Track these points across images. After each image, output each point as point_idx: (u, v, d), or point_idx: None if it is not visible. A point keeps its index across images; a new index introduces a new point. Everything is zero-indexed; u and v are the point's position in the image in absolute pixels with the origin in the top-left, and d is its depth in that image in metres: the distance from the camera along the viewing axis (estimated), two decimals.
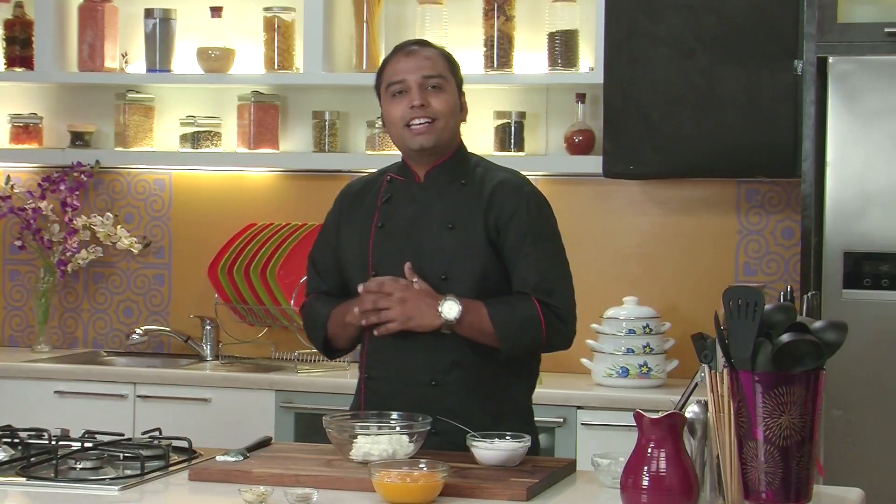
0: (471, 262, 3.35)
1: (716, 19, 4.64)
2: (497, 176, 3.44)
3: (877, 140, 4.27)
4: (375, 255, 3.42)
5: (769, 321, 2.62)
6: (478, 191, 3.40)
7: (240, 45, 5.33)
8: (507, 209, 3.37)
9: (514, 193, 3.40)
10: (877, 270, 4.27)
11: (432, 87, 3.36)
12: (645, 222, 5.08)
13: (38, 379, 5.04)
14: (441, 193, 3.41)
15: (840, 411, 4.24)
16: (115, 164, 5.52)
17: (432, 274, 3.35)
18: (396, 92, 3.37)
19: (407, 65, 3.38)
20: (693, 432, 2.79)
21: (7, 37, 5.51)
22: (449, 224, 3.38)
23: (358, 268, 3.44)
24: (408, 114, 3.36)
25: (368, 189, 3.53)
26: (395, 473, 2.82)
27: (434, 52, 3.42)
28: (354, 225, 3.49)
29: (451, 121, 3.39)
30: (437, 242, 3.37)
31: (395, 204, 3.45)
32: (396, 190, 3.46)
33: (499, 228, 3.37)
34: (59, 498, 2.90)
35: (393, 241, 3.41)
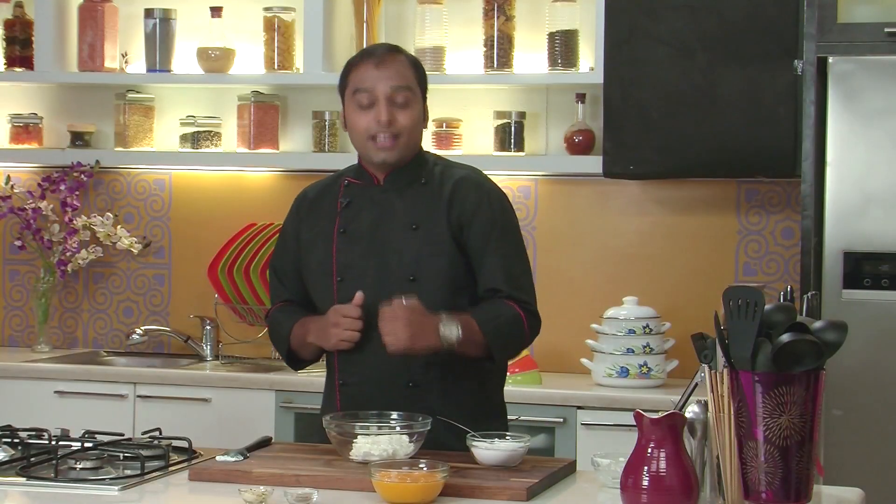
0: (438, 260, 3.35)
1: (716, 19, 4.63)
2: (456, 173, 3.44)
3: (877, 140, 4.27)
4: (340, 260, 3.40)
5: (769, 321, 2.62)
6: (438, 189, 3.40)
7: (240, 45, 5.33)
8: (468, 206, 3.38)
9: (475, 190, 3.41)
10: (877, 270, 4.27)
11: (399, 101, 3.34)
12: (645, 222, 5.08)
13: (38, 379, 5.04)
14: (401, 195, 3.41)
15: (840, 411, 4.23)
16: (115, 164, 5.52)
17: (400, 276, 3.35)
18: (364, 103, 3.35)
19: (376, 74, 3.34)
20: (693, 432, 2.79)
21: (7, 37, 5.51)
22: (412, 224, 3.37)
23: (321, 274, 3.43)
24: (373, 127, 3.34)
25: (325, 194, 3.51)
26: (395, 473, 2.82)
27: (403, 62, 3.38)
28: (315, 231, 3.47)
29: (414, 134, 3.39)
30: (401, 244, 3.37)
31: (354, 208, 3.43)
32: (355, 194, 3.45)
33: (462, 225, 3.37)
34: (59, 498, 2.91)
35: (357, 246, 3.40)
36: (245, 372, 5.02)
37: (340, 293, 3.39)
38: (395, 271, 3.36)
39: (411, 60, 3.42)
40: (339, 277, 3.40)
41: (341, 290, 3.39)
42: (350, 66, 3.41)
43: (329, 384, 3.52)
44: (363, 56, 3.41)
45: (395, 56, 3.38)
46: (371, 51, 3.42)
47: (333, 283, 3.40)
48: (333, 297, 3.40)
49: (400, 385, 3.35)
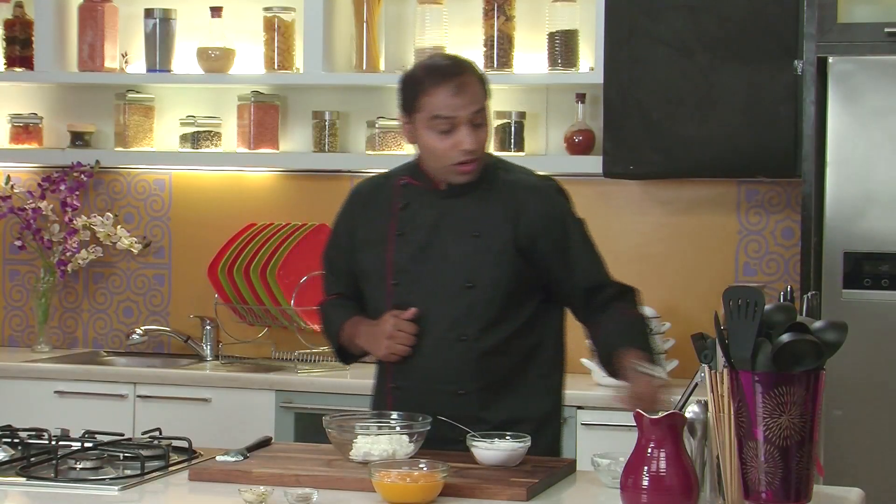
0: (497, 269, 3.32)
1: (716, 19, 4.63)
2: (520, 180, 3.41)
3: (877, 140, 4.27)
4: (396, 263, 3.37)
5: (769, 321, 2.62)
6: (501, 196, 3.36)
7: (240, 45, 5.33)
8: (540, 217, 3.35)
9: (543, 200, 3.38)
10: (877, 270, 4.27)
11: (477, 122, 3.30)
12: (645, 222, 5.08)
13: (38, 379, 5.04)
14: (462, 200, 3.36)
15: (840, 411, 4.24)
16: (115, 164, 5.52)
17: (457, 283, 3.33)
18: (444, 129, 3.28)
19: (457, 102, 3.26)
20: (693, 432, 2.79)
21: (7, 37, 5.51)
22: (474, 232, 3.34)
23: (375, 275, 3.41)
24: (456, 155, 3.28)
25: (379, 192, 3.47)
26: (395, 473, 2.82)
27: (476, 82, 3.31)
28: (370, 231, 3.44)
29: (487, 146, 3.39)
30: (460, 250, 3.33)
31: (412, 211, 3.39)
32: (413, 196, 3.41)
33: (533, 237, 3.34)
34: (59, 498, 2.91)
35: (414, 250, 3.36)
36: (245, 372, 5.02)
37: (395, 297, 3.36)
38: (453, 278, 3.33)
39: (475, 71, 3.35)
40: (395, 281, 3.37)
41: (396, 293, 3.37)
42: (422, 86, 3.30)
43: (380, 386, 3.48)
44: (438, 79, 3.28)
45: (469, 78, 3.31)
46: (444, 72, 3.30)
47: (388, 285, 3.37)
48: (387, 300, 3.38)
49: (451, 392, 3.32)
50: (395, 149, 5.17)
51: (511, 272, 3.33)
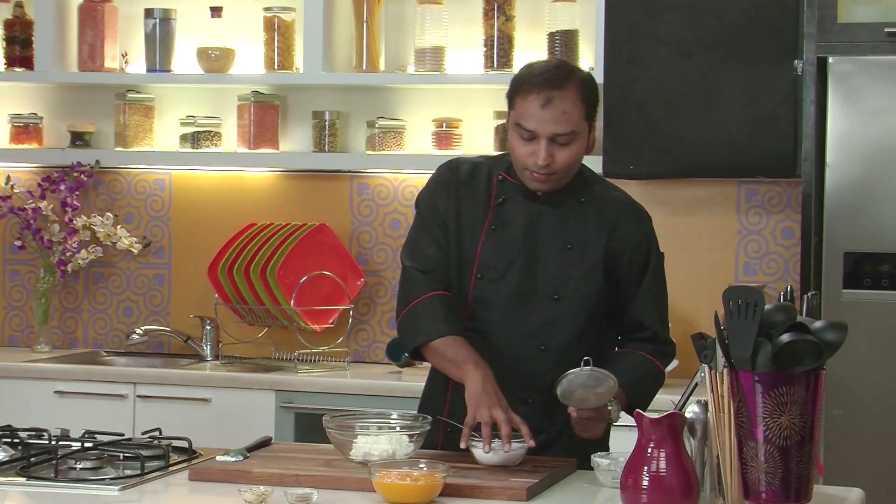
0: (586, 285, 3.29)
1: (716, 19, 4.64)
2: (616, 198, 3.37)
3: (877, 140, 4.27)
4: (483, 258, 3.31)
5: (769, 321, 2.62)
6: (598, 212, 3.32)
7: (240, 45, 5.33)
8: (630, 239, 3.33)
9: (639, 223, 3.37)
10: (877, 270, 4.27)
11: (562, 142, 3.20)
12: None
13: (38, 379, 5.04)
14: (559, 209, 3.31)
15: (840, 411, 4.23)
16: (115, 164, 5.52)
17: (544, 291, 3.29)
18: (525, 137, 3.21)
19: (543, 115, 3.17)
20: (693, 432, 2.79)
21: (7, 37, 5.51)
22: (567, 244, 3.30)
23: (461, 267, 3.32)
24: (530, 162, 3.22)
25: (477, 179, 3.36)
26: (395, 473, 2.82)
27: (572, 99, 3.19)
28: (463, 217, 3.34)
29: (573, 167, 3.26)
30: (552, 260, 3.29)
31: (509, 208, 3.33)
32: (510, 193, 3.34)
33: (618, 256, 3.31)
34: (59, 498, 2.91)
35: (504, 248, 3.31)
36: (245, 372, 5.02)
37: (476, 290, 3.31)
38: (540, 286, 3.29)
39: (582, 90, 3.21)
40: (479, 275, 3.31)
41: (478, 287, 3.31)
42: (520, 86, 3.23)
43: (440, 382, 3.39)
44: (533, 86, 3.19)
45: (565, 92, 3.18)
46: (542, 81, 3.19)
47: (472, 277, 3.32)
48: (469, 293, 3.31)
49: (519, 400, 3.25)
50: (395, 149, 5.17)
51: (598, 289, 3.30)
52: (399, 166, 5.21)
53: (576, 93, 3.20)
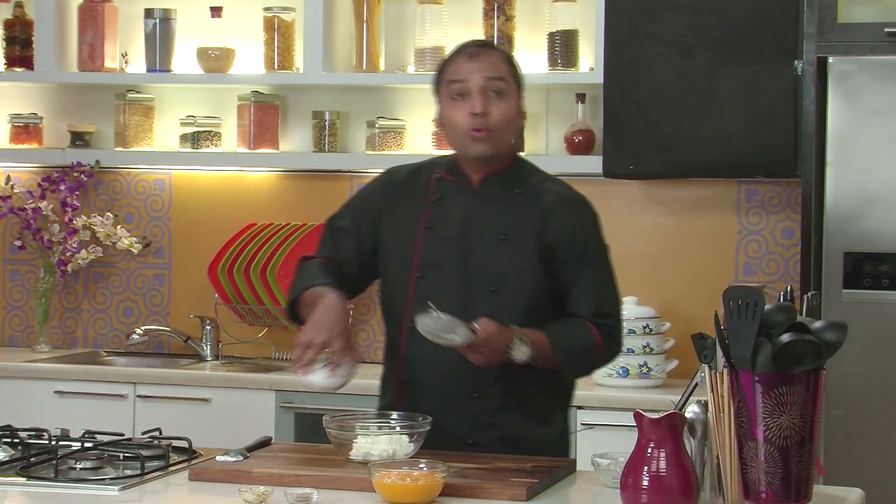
0: (523, 276, 3.31)
1: (716, 19, 4.64)
2: (554, 189, 3.38)
3: (877, 140, 4.27)
4: (422, 256, 3.35)
5: (769, 321, 2.62)
6: (533, 203, 3.34)
7: (240, 45, 5.33)
8: (565, 230, 3.33)
9: (573, 214, 3.36)
10: (877, 270, 4.27)
11: (494, 91, 3.29)
12: (645, 222, 5.08)
13: (38, 379, 5.04)
14: (494, 201, 3.35)
15: (840, 411, 4.24)
16: (115, 164, 5.52)
17: (482, 285, 3.31)
18: (457, 94, 3.30)
19: (470, 66, 3.30)
20: (693, 432, 2.79)
21: (7, 37, 5.51)
22: (502, 235, 3.32)
23: (399, 264, 3.37)
24: (468, 121, 3.28)
25: (414, 180, 3.43)
26: (395, 473, 2.82)
27: (497, 56, 3.35)
28: (399, 219, 3.40)
29: (507, 131, 3.32)
30: (488, 253, 3.32)
31: (445, 206, 3.37)
32: (447, 190, 3.38)
33: (553, 248, 3.32)
34: (59, 498, 2.91)
35: (442, 246, 3.34)
36: (245, 372, 5.02)
37: (417, 290, 3.33)
38: (478, 279, 3.31)
39: (505, 56, 3.38)
40: (419, 274, 3.34)
41: (419, 286, 3.33)
42: (443, 63, 3.38)
43: (389, 378, 3.45)
44: (456, 52, 3.37)
45: (489, 50, 3.37)
46: (464, 46, 3.38)
47: (412, 277, 3.35)
48: (409, 292, 3.35)
49: (466, 395, 3.30)
50: (395, 149, 5.17)
51: (535, 280, 3.32)
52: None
53: (500, 56, 3.37)
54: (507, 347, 3.20)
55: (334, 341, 3.16)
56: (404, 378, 3.38)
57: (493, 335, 3.17)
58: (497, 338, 3.18)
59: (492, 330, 3.17)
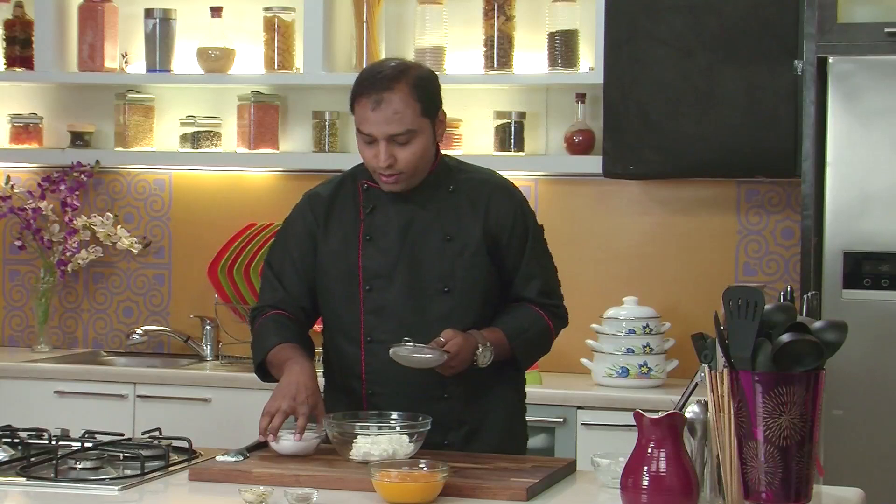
0: (472, 272, 3.33)
1: (716, 19, 4.64)
2: (483, 180, 3.40)
3: (877, 140, 4.27)
4: (367, 268, 3.35)
5: (769, 321, 2.62)
6: (469, 198, 3.36)
7: (240, 45, 5.33)
8: (505, 217, 3.36)
9: (509, 200, 3.39)
10: (877, 270, 4.27)
11: (400, 141, 3.24)
12: (645, 222, 5.08)
13: (38, 379, 5.04)
14: (429, 203, 3.35)
15: (840, 411, 4.23)
16: (115, 164, 5.52)
17: (433, 287, 3.32)
18: (366, 140, 3.26)
19: (374, 117, 3.22)
20: (693, 432, 2.79)
21: (7, 37, 5.51)
22: (446, 236, 3.33)
23: (345, 281, 3.36)
24: (375, 164, 3.26)
25: (341, 195, 3.42)
26: (395, 473, 2.82)
27: (402, 101, 3.22)
28: (334, 236, 3.39)
29: (421, 164, 3.29)
30: (434, 254, 3.33)
31: (380, 215, 3.36)
32: (378, 200, 3.37)
33: (497, 236, 3.35)
34: (59, 498, 2.90)
35: (385, 255, 3.34)
36: (245, 372, 5.01)
37: (368, 303, 3.35)
38: (428, 283, 3.32)
39: (414, 88, 3.24)
40: (367, 286, 3.34)
41: (368, 299, 3.35)
42: (355, 92, 3.27)
43: (355, 395, 3.42)
44: (363, 88, 3.24)
45: (393, 93, 3.21)
46: (370, 83, 3.24)
47: (360, 291, 3.35)
48: (360, 306, 3.36)
49: (435, 397, 3.31)
50: None
51: (485, 273, 3.35)
52: None
53: (407, 92, 3.24)
54: (472, 355, 3.25)
55: (300, 408, 3.17)
56: (369, 392, 3.38)
57: (461, 347, 3.21)
58: (465, 349, 3.23)
59: (459, 341, 3.21)
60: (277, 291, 3.44)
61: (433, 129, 3.32)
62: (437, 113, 3.33)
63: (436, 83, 3.35)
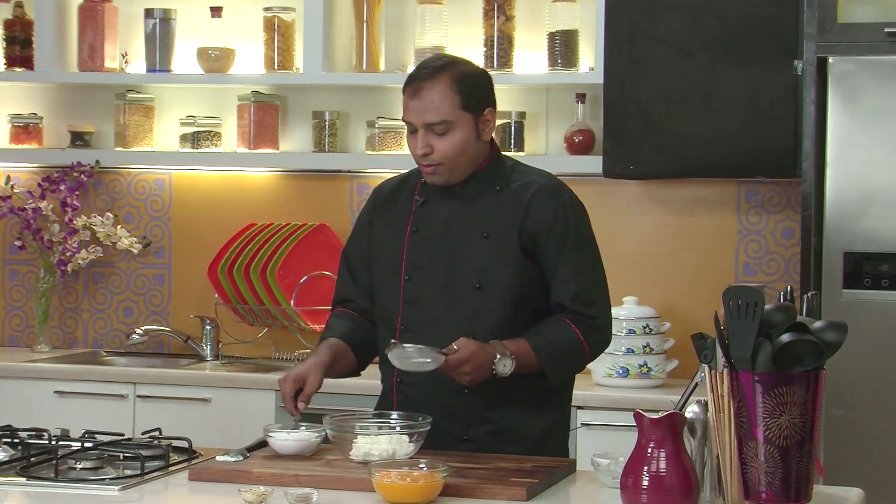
0: (505, 271, 3.33)
1: (716, 19, 4.64)
2: (533, 181, 3.40)
3: (877, 140, 4.27)
4: (409, 259, 3.39)
5: (769, 321, 2.62)
6: (513, 198, 3.37)
7: (240, 45, 5.33)
8: (545, 218, 3.34)
9: (552, 201, 3.37)
10: (877, 270, 4.27)
11: (438, 131, 3.30)
12: (645, 222, 5.08)
13: (38, 379, 5.04)
14: (475, 201, 3.38)
15: (840, 411, 4.24)
16: (115, 164, 5.52)
17: (466, 283, 3.33)
18: (410, 129, 3.35)
19: (414, 105, 3.31)
20: (693, 432, 2.79)
21: (7, 37, 5.51)
22: (484, 233, 3.35)
23: (390, 271, 3.42)
24: (414, 153, 3.34)
25: (402, 189, 3.50)
26: (395, 473, 2.82)
27: (440, 92, 3.29)
28: (388, 226, 3.46)
29: (460, 158, 3.33)
30: (471, 251, 3.35)
31: (429, 208, 3.41)
32: (431, 193, 3.42)
33: (535, 237, 3.34)
34: (59, 498, 2.91)
35: (427, 247, 3.38)
36: (245, 372, 5.02)
37: (406, 293, 3.38)
38: (462, 278, 3.34)
39: (456, 81, 3.31)
40: (407, 276, 3.39)
41: (408, 289, 3.38)
42: (404, 84, 3.36)
43: (386, 382, 3.48)
44: (410, 78, 3.34)
45: (434, 83, 3.30)
46: (416, 73, 3.34)
47: (401, 281, 3.39)
48: (400, 296, 3.39)
49: (457, 391, 3.31)
50: (395, 149, 5.17)
51: (519, 274, 3.34)
52: (399, 166, 5.18)
53: (447, 83, 3.31)
54: (490, 364, 3.23)
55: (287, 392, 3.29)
56: (398, 380, 3.41)
57: (474, 353, 3.20)
58: (479, 356, 3.21)
59: (472, 348, 3.20)
60: (349, 285, 3.54)
61: (475, 125, 3.34)
62: (482, 110, 3.35)
63: (484, 80, 3.40)
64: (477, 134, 3.35)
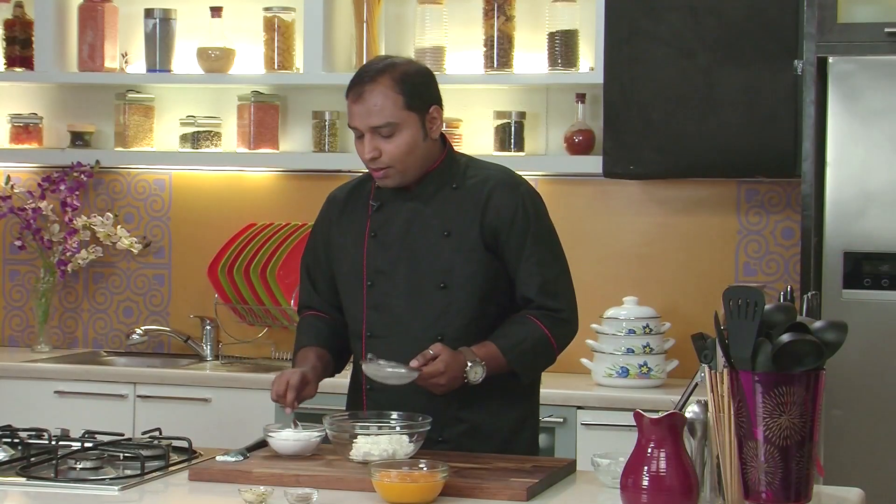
0: (469, 268, 3.33)
1: (716, 19, 4.64)
2: (490, 176, 3.40)
3: (877, 140, 4.27)
4: (370, 264, 3.38)
5: (769, 321, 2.62)
6: (471, 194, 3.36)
7: (240, 45, 5.33)
8: (504, 212, 3.34)
9: (511, 194, 3.37)
10: (877, 270, 4.27)
11: (385, 133, 3.28)
12: (645, 222, 5.08)
13: (38, 379, 5.04)
14: (432, 200, 3.37)
15: (840, 411, 4.24)
16: (115, 164, 5.52)
17: (430, 283, 3.33)
18: (357, 135, 3.33)
19: (357, 110, 3.29)
20: (693, 432, 2.79)
21: (7, 37, 5.51)
22: (444, 231, 3.34)
23: (352, 278, 3.41)
24: (364, 157, 3.33)
25: (356, 195, 3.49)
26: (395, 473, 2.82)
27: (382, 94, 3.27)
28: (346, 234, 3.45)
29: (410, 158, 3.31)
30: (433, 251, 3.34)
31: (386, 212, 3.40)
32: (386, 197, 3.41)
33: (496, 232, 3.34)
34: (59, 498, 2.91)
35: (387, 251, 3.37)
36: (245, 372, 5.02)
37: (370, 298, 3.38)
38: (426, 278, 3.34)
39: (398, 82, 3.28)
40: (370, 282, 3.38)
41: (371, 295, 3.38)
42: (347, 90, 3.34)
43: (354, 388, 3.50)
44: (351, 85, 3.32)
45: (376, 86, 3.27)
46: (357, 78, 3.31)
47: (363, 287, 3.39)
48: (363, 302, 3.39)
49: (427, 394, 3.29)
50: None
51: (483, 270, 3.34)
52: None
53: (389, 85, 3.28)
54: (462, 372, 3.23)
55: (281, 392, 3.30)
56: (368, 386, 3.41)
57: (448, 364, 3.20)
58: (452, 366, 3.21)
59: (446, 358, 3.20)
60: (311, 293, 3.55)
61: (422, 124, 3.33)
62: (427, 108, 3.34)
63: (426, 78, 3.38)
64: (424, 133, 3.33)
